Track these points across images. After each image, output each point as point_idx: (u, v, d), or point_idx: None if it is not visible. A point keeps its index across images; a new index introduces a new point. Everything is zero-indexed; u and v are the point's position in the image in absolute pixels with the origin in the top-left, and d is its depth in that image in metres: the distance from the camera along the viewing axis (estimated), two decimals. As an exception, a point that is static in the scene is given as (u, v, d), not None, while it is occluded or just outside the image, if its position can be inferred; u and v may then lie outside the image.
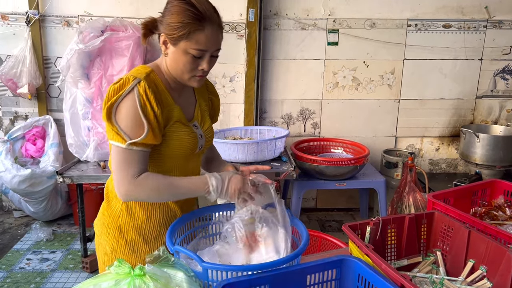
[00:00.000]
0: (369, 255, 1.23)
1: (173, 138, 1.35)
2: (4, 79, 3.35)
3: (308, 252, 1.92)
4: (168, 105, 1.34)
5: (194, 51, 1.28)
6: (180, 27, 1.25)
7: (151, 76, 1.32)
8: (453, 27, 3.64)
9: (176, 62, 1.31)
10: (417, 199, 3.05)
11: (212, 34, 1.28)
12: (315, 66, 3.65)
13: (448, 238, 1.45)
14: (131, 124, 1.26)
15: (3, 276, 2.88)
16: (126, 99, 1.26)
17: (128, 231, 1.44)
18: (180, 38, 1.26)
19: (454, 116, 3.85)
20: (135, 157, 1.28)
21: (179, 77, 1.35)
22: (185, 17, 1.25)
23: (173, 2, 1.29)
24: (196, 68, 1.32)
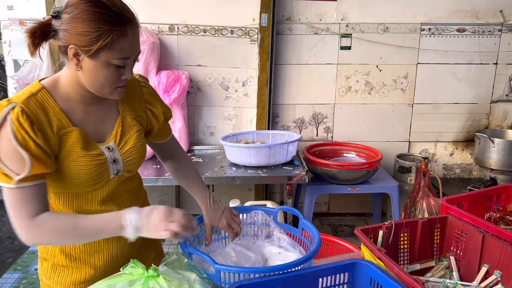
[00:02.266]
0: (382, 259, 1.23)
1: (69, 166, 1.14)
2: (22, 84, 3.41)
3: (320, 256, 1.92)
4: (61, 128, 1.13)
5: (118, 60, 1.08)
6: (99, 36, 1.04)
7: (38, 96, 1.11)
8: (467, 31, 3.61)
9: (95, 76, 1.10)
10: (430, 204, 3.02)
11: (134, 38, 1.10)
12: (327, 71, 3.65)
13: (461, 243, 1.44)
14: (12, 158, 1.04)
15: (19, 277, 2.93)
16: (2, 130, 1.04)
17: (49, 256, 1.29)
18: (100, 49, 1.05)
19: (468, 120, 3.81)
20: (29, 194, 1.07)
21: (98, 92, 1.14)
22: (103, 23, 1.04)
23: (79, 5, 1.05)
24: (118, 79, 1.12)
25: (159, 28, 3.47)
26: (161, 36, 3.47)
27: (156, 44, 3.33)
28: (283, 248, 1.44)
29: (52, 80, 1.17)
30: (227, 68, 3.50)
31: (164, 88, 3.23)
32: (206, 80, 3.56)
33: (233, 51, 3.52)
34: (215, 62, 3.53)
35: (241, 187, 3.77)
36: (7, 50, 3.53)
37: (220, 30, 3.49)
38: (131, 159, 1.25)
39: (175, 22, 3.48)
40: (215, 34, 3.50)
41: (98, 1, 1.05)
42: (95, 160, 1.17)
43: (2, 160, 1.05)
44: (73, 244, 1.22)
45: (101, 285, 1.15)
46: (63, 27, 1.07)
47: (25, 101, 1.08)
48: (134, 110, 1.29)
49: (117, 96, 1.17)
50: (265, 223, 1.51)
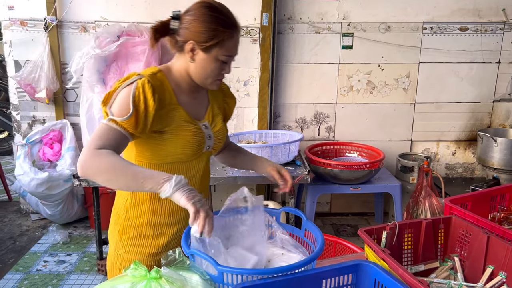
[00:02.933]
0: (386, 260, 1.22)
1: (175, 135, 1.37)
2: (23, 84, 3.41)
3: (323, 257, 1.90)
4: (171, 104, 1.37)
5: (224, 57, 1.35)
6: (214, 35, 1.30)
7: (157, 75, 1.37)
8: (469, 30, 3.60)
9: (204, 68, 1.36)
10: (433, 204, 3.01)
11: (237, 40, 1.37)
12: (329, 70, 3.64)
13: (466, 244, 1.43)
14: (119, 107, 1.29)
15: (20, 278, 2.92)
16: (124, 90, 1.30)
17: (130, 229, 1.47)
18: (214, 46, 1.32)
19: (471, 120, 3.80)
20: (110, 134, 1.27)
21: (201, 82, 1.40)
22: (220, 25, 1.31)
23: (200, 9, 1.32)
24: (220, 73, 1.39)
25: (160, 28, 3.46)
26: (162, 36, 3.46)
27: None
28: (286, 249, 1.42)
29: (166, 67, 1.42)
30: (229, 67, 3.48)
31: (166, 88, 3.21)
32: (207, 80, 3.55)
33: (235, 51, 3.51)
34: (217, 61, 3.52)
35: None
36: (8, 50, 3.53)
37: (221, 29, 3.47)
38: (219, 137, 1.52)
39: (176, 21, 3.46)
40: (216, 34, 3.48)
41: (215, 8, 1.33)
42: (197, 132, 1.42)
43: (111, 107, 1.30)
44: (115, 186, 1.28)
45: (104, 287, 1.15)
46: (184, 26, 1.33)
47: (150, 75, 1.34)
48: (217, 102, 1.57)
49: (215, 87, 1.43)
50: (267, 224, 1.50)
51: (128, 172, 1.22)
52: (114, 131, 1.28)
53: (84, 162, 1.23)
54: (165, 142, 1.37)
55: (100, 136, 1.26)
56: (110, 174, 1.22)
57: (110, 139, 1.27)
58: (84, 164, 1.22)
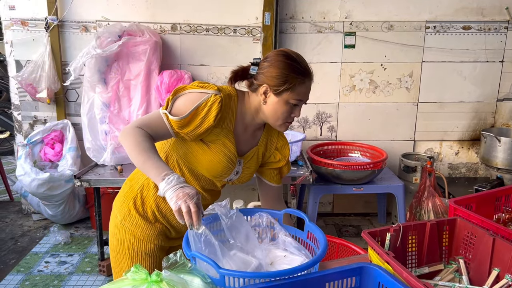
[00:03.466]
0: (390, 262, 1.20)
1: (214, 155, 1.46)
2: (24, 84, 3.40)
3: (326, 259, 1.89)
4: (227, 128, 1.47)
5: (295, 101, 1.43)
6: (287, 80, 1.40)
7: (232, 98, 1.47)
8: (473, 28, 3.57)
9: (275, 110, 1.45)
10: (436, 204, 2.99)
11: (308, 87, 1.46)
12: (331, 70, 3.62)
13: (471, 246, 1.41)
14: (180, 106, 1.39)
15: (21, 279, 2.91)
16: (196, 94, 1.40)
17: (142, 205, 1.55)
18: (285, 90, 1.41)
19: (474, 119, 3.77)
20: (157, 122, 1.40)
21: (272, 122, 1.49)
22: (292, 71, 1.41)
23: (276, 57, 1.43)
24: (289, 116, 1.47)
25: (161, 28, 3.45)
26: (163, 36, 3.45)
27: (159, 43, 3.30)
28: (288, 251, 1.41)
29: (244, 95, 1.52)
30: (230, 67, 3.41)
31: (167, 88, 3.20)
32: (209, 79, 3.54)
33: (236, 50, 3.50)
34: (218, 61, 3.51)
35: (245, 187, 3.74)
36: (9, 50, 3.52)
37: (222, 29, 3.46)
38: (244, 178, 1.62)
39: (178, 21, 3.46)
40: (217, 33, 3.47)
41: (290, 56, 1.44)
42: (230, 163, 1.50)
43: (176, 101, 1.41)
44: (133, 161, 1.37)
45: (104, 290, 1.14)
46: (261, 71, 1.45)
47: (227, 96, 1.45)
48: (265, 148, 1.64)
49: (283, 129, 1.53)
50: (269, 225, 1.48)
51: (143, 155, 1.33)
52: (161, 123, 1.40)
53: (123, 131, 1.39)
54: (201, 152, 1.47)
55: (149, 119, 1.41)
56: (132, 150, 1.35)
57: (154, 126, 1.40)
58: (122, 133, 1.39)
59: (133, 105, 3.25)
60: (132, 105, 3.26)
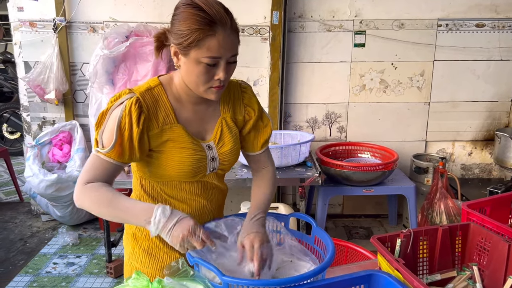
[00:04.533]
0: (400, 270, 1.16)
1: (172, 156, 1.26)
2: (32, 85, 3.40)
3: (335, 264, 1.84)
4: (166, 123, 1.26)
5: (207, 59, 1.16)
6: (189, 34, 1.14)
7: (154, 91, 1.26)
8: (486, 26, 3.49)
9: (189, 74, 1.20)
10: (448, 206, 2.93)
11: (224, 39, 1.16)
12: (341, 69, 3.57)
13: (485, 252, 1.36)
14: (107, 134, 1.20)
15: (30, 280, 2.91)
16: (114, 112, 1.21)
17: (142, 240, 1.40)
18: (189, 47, 1.15)
19: (488, 119, 3.69)
20: (98, 165, 1.21)
21: (195, 90, 1.24)
22: (193, 22, 1.14)
23: (180, 8, 1.18)
24: (212, 79, 1.20)
25: (169, 28, 3.42)
26: (171, 36, 3.42)
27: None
28: (295, 256, 1.37)
29: (169, 77, 1.30)
30: (238, 67, 3.37)
31: (174, 89, 3.18)
32: (216, 79, 3.51)
33: (244, 50, 3.46)
34: (226, 61, 3.47)
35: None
36: (18, 51, 3.53)
37: (230, 28, 3.42)
38: (227, 159, 1.36)
39: (185, 21, 3.43)
40: (225, 33, 3.43)
41: (195, 4, 1.15)
42: (196, 154, 1.28)
43: (102, 133, 1.21)
44: (107, 219, 1.28)
45: (105, 298, 1.10)
46: (170, 29, 1.21)
47: (143, 93, 1.23)
48: (233, 113, 1.38)
49: (213, 97, 1.24)
50: (275, 229, 1.45)
51: (110, 208, 1.19)
52: (102, 162, 1.21)
53: (76, 199, 1.23)
54: (160, 162, 1.27)
55: (90, 168, 1.22)
56: (97, 211, 1.22)
57: (99, 170, 1.21)
58: (76, 201, 1.23)
59: (141, 106, 3.23)
60: (140, 106, 3.24)
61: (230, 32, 1.18)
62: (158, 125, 1.25)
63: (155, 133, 1.24)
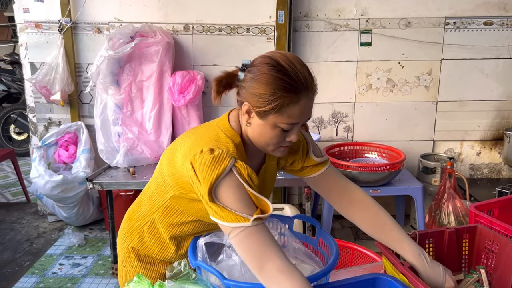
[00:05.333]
0: (405, 274, 1.13)
1: None
2: (38, 86, 3.41)
3: (340, 266, 1.82)
4: None
5: (285, 125, 1.11)
6: (271, 100, 1.07)
7: (238, 147, 1.18)
8: (495, 24, 3.44)
9: (262, 135, 1.15)
10: (457, 206, 2.89)
11: (307, 105, 1.12)
12: (347, 68, 3.54)
13: (493, 255, 1.33)
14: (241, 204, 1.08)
15: (36, 281, 2.92)
16: (228, 180, 1.09)
17: (141, 251, 1.40)
18: (269, 112, 1.09)
19: (496, 118, 3.64)
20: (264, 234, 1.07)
21: (261, 148, 1.20)
22: (278, 88, 1.07)
23: (260, 67, 1.10)
24: (283, 140, 1.16)
25: (174, 28, 3.42)
26: (176, 36, 3.42)
27: (171, 44, 3.27)
28: (299, 259, 1.35)
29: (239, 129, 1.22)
30: (243, 67, 3.42)
31: (179, 89, 3.17)
32: (222, 80, 3.49)
33: (249, 50, 3.44)
34: (231, 61, 3.46)
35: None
36: (24, 53, 3.54)
37: (235, 28, 3.41)
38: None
39: (190, 21, 3.42)
40: (230, 33, 3.42)
41: (280, 66, 1.08)
42: None
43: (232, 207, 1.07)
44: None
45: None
46: (243, 84, 1.13)
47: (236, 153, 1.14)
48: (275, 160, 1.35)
49: (279, 155, 1.22)
50: (280, 232, 1.43)
51: None
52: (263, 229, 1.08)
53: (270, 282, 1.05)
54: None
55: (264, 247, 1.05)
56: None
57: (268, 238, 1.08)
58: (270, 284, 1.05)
59: (146, 107, 3.23)
60: (145, 106, 3.24)
61: (312, 96, 1.13)
62: None
63: None
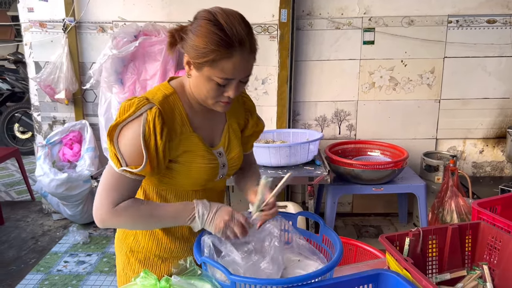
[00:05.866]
0: (409, 269, 1.15)
1: (187, 168, 1.26)
2: (43, 85, 3.44)
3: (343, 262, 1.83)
4: (183, 132, 1.24)
5: (219, 79, 1.15)
6: (204, 53, 1.11)
7: (170, 99, 1.22)
8: (497, 22, 3.44)
9: (199, 88, 1.19)
10: (459, 204, 2.90)
11: (240, 62, 1.13)
12: (350, 66, 3.55)
13: (496, 251, 1.34)
14: (130, 151, 1.16)
15: (41, 278, 2.94)
16: (132, 123, 1.15)
17: (139, 252, 1.37)
18: (203, 64, 1.13)
19: (499, 116, 3.64)
20: (125, 184, 1.18)
21: (202, 102, 1.23)
22: (211, 42, 1.10)
23: (199, 20, 1.14)
24: (221, 95, 1.19)
25: (177, 27, 3.43)
26: (179, 35, 3.43)
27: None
28: (302, 255, 1.36)
29: (180, 84, 1.27)
30: (247, 66, 3.43)
31: (183, 88, 3.19)
32: (225, 78, 3.51)
33: (253, 49, 3.45)
34: (234, 60, 3.47)
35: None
36: (28, 52, 3.56)
37: (239, 27, 3.42)
38: (235, 165, 1.38)
39: (194, 20, 3.43)
40: (234, 32, 3.43)
41: (216, 21, 1.12)
42: (211, 163, 1.28)
43: (120, 148, 1.16)
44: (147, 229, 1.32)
45: (113, 297, 1.11)
46: (185, 35, 1.17)
47: (161, 103, 1.19)
48: (237, 118, 1.40)
49: (220, 109, 1.24)
50: (284, 228, 1.44)
51: (152, 220, 1.22)
52: (128, 181, 1.18)
53: (104, 221, 1.19)
54: (175, 173, 1.26)
55: (115, 188, 1.17)
56: (136, 226, 1.26)
57: (126, 189, 1.19)
58: (105, 223, 1.20)
59: (150, 105, 3.25)
60: (149, 105, 3.26)
61: (247, 54, 1.15)
62: (177, 135, 1.22)
63: (175, 144, 1.22)
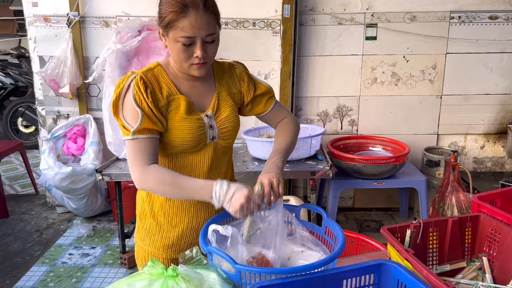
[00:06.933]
0: (409, 260, 1.17)
1: (174, 127, 1.37)
2: (47, 80, 3.46)
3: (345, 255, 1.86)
4: (171, 94, 1.37)
5: (182, 38, 1.28)
6: (165, 16, 1.27)
7: (154, 70, 1.39)
8: (500, 18, 3.46)
9: (172, 52, 1.33)
10: (460, 199, 2.92)
11: (196, 19, 1.26)
12: (352, 62, 3.56)
13: (495, 243, 1.37)
14: (131, 116, 1.31)
15: (46, 270, 2.98)
16: (127, 94, 1.32)
17: (147, 219, 1.50)
18: (167, 28, 1.29)
19: (500, 112, 3.66)
20: (143, 145, 1.32)
21: (180, 68, 1.37)
22: (169, 6, 1.27)
23: None
24: (191, 56, 1.32)
25: (180, 22, 3.45)
26: (183, 30, 3.45)
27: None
28: (305, 246, 1.39)
29: (166, 60, 1.43)
30: (249, 61, 3.44)
31: (186, 82, 3.21)
32: (228, 73, 3.53)
33: (255, 44, 3.47)
34: (237, 55, 3.48)
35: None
36: (33, 46, 3.58)
37: (242, 22, 3.44)
38: (225, 127, 1.45)
39: (197, 15, 3.45)
40: (237, 27, 3.45)
41: None
42: (195, 123, 1.38)
43: (125, 117, 1.32)
44: (171, 197, 1.43)
45: (121, 284, 1.15)
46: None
47: (144, 72, 1.36)
48: (228, 88, 1.49)
49: (195, 73, 1.35)
50: (287, 220, 1.47)
51: (174, 188, 1.30)
52: (144, 141, 1.32)
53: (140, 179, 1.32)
54: (165, 134, 1.37)
55: (137, 152, 1.31)
56: (160, 189, 1.33)
57: (145, 148, 1.32)
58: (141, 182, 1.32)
59: (153, 100, 3.27)
60: (152, 99, 3.28)
61: (203, 13, 1.27)
62: (164, 97, 1.36)
63: (163, 105, 1.35)
